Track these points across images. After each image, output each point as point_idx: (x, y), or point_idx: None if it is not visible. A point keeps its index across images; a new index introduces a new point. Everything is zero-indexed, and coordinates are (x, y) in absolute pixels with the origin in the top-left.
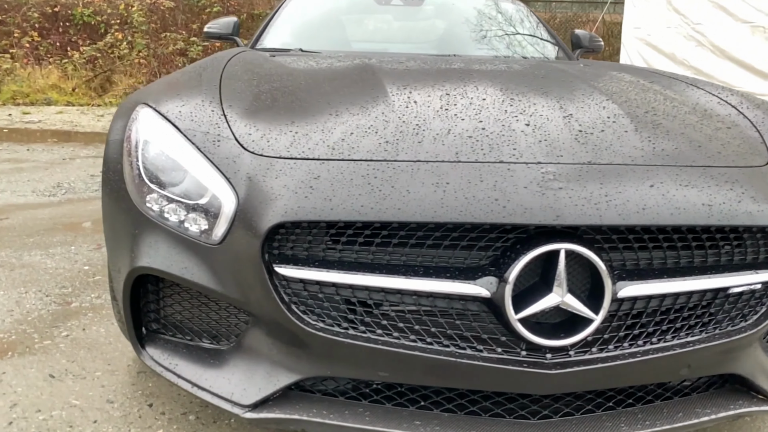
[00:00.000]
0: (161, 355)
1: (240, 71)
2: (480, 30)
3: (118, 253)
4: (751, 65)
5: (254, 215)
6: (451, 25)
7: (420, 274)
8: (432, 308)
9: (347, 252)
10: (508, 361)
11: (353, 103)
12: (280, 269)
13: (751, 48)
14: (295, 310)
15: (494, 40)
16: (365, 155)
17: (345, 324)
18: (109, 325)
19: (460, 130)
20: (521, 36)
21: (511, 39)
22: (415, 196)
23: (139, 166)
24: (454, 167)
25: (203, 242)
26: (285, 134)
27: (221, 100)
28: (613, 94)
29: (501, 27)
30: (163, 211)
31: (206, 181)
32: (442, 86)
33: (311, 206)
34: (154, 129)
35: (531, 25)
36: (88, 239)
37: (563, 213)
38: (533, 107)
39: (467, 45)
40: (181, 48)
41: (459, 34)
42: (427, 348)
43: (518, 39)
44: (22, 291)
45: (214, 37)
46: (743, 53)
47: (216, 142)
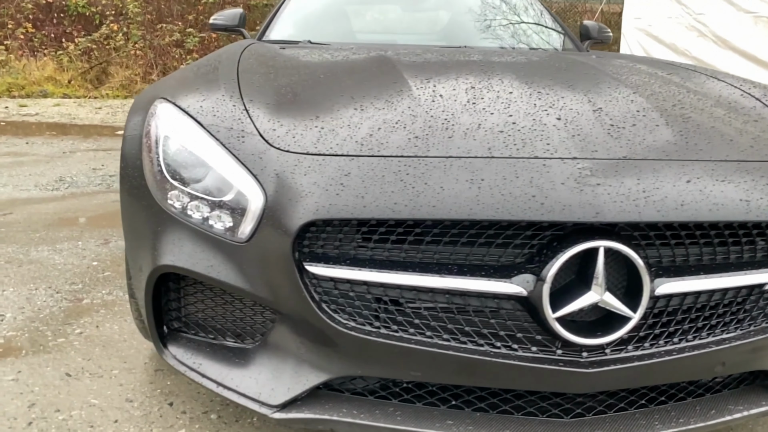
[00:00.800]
0: (184, 354)
1: (255, 64)
2: (488, 21)
3: (139, 251)
4: (754, 56)
5: (284, 213)
6: (458, 15)
7: (454, 272)
8: (465, 307)
9: (379, 250)
10: (543, 360)
11: (377, 98)
12: (311, 267)
13: (754, 38)
14: (325, 308)
15: (503, 30)
16: (395, 151)
17: (377, 323)
18: (122, 322)
19: (490, 125)
20: (530, 27)
21: (520, 30)
22: (450, 192)
23: (160, 162)
24: (487, 163)
25: (229, 240)
26: (311, 130)
27: (241, 95)
28: (637, 87)
29: (509, 17)
30: (186, 208)
31: (231, 178)
32: (465, 79)
33: (343, 204)
34: (174, 124)
35: (539, 16)
36: (95, 234)
37: (602, 210)
38: (561, 101)
39: (476, 36)
40: (178, 39)
41: (467, 25)
42: (461, 347)
43: (527, 30)
44: (32, 288)
45: (220, 28)
46: (746, 43)
47: (240, 138)
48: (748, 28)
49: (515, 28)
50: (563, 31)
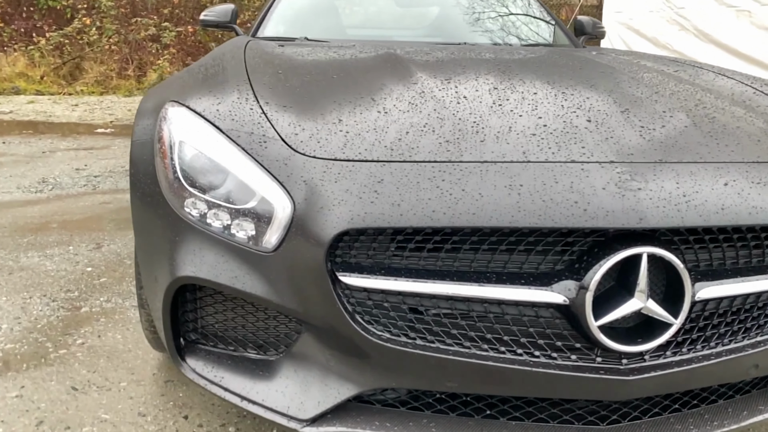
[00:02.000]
0: (204, 368)
1: (262, 64)
2: (484, 16)
3: (155, 261)
4: (736, 49)
5: (314, 221)
6: (454, 11)
7: (492, 280)
8: (503, 315)
9: (414, 258)
10: (583, 368)
11: (399, 99)
12: (344, 278)
13: (735, 32)
14: (359, 320)
15: (499, 26)
16: (427, 156)
17: (412, 334)
18: (125, 331)
19: (521, 128)
20: (527, 22)
21: (517, 25)
22: (489, 199)
23: (176, 168)
24: (524, 168)
25: (254, 250)
26: (335, 134)
27: (257, 98)
28: (655, 86)
29: (504, 13)
30: (205, 217)
31: (254, 185)
32: (485, 80)
33: (379, 212)
34: (190, 129)
35: (535, 11)
36: (86, 238)
37: (646, 215)
38: (587, 101)
39: (473, 32)
40: (153, 34)
41: (464, 21)
42: (500, 357)
43: (523, 25)
44: (26, 296)
45: (211, 25)
46: (728, 37)
47: (262, 144)
48: (729, 22)
49: (511, 23)
50: (559, 26)
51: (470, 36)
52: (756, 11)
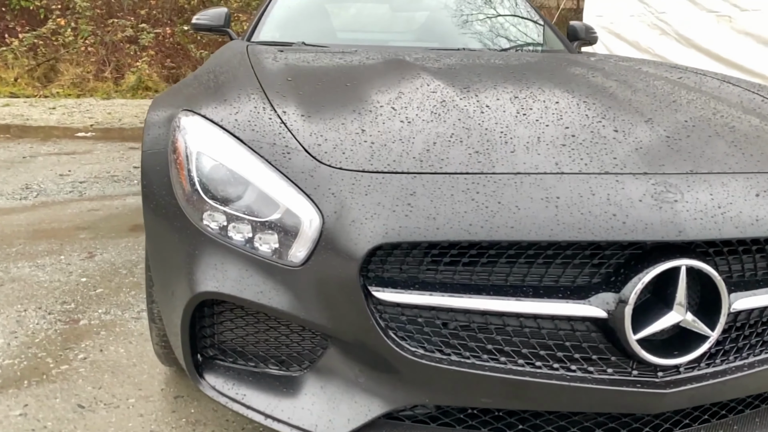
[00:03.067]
0: (224, 385)
1: (269, 71)
2: (480, 22)
3: (171, 275)
4: (717, 54)
5: (346, 235)
6: (450, 16)
7: (529, 294)
8: (539, 330)
9: (448, 273)
10: (620, 381)
11: (420, 108)
12: (378, 293)
13: (716, 37)
14: (392, 336)
15: (497, 32)
16: (459, 168)
17: (447, 349)
18: (127, 345)
19: (550, 138)
20: (521, 27)
21: (514, 30)
22: (527, 212)
23: (194, 180)
24: (559, 179)
25: (282, 264)
26: (360, 145)
27: (273, 106)
28: (670, 95)
29: (501, 18)
30: (226, 229)
31: (278, 197)
32: (504, 88)
33: (414, 226)
34: (208, 139)
35: (530, 16)
36: (77, 247)
37: (685, 228)
38: (611, 111)
39: (472, 37)
40: (131, 35)
41: (462, 26)
42: (536, 372)
43: (519, 30)
44: (20, 309)
45: (204, 29)
46: (709, 42)
47: (286, 155)
48: (710, 27)
49: (506, 28)
50: (554, 31)
51: (467, 41)
52: (736, 16)
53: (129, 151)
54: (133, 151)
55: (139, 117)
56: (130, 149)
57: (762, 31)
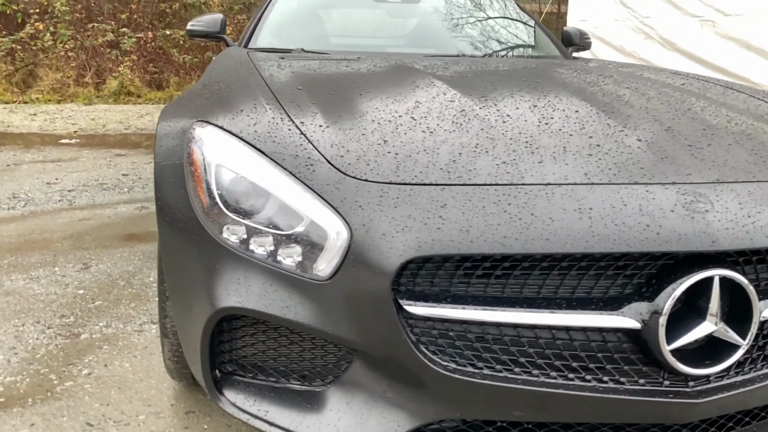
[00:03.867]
0: (245, 401)
1: (278, 79)
2: (476, 27)
3: (189, 290)
4: (701, 58)
5: (376, 249)
6: (448, 23)
7: (562, 306)
8: (571, 341)
9: (480, 286)
10: (652, 392)
11: (440, 118)
12: (410, 307)
13: (700, 41)
14: (424, 350)
15: (494, 38)
16: (488, 179)
17: (479, 363)
18: (132, 359)
19: (575, 148)
20: (518, 33)
21: (510, 36)
22: (561, 224)
23: (213, 193)
24: (590, 190)
25: (308, 278)
26: (384, 156)
27: (290, 116)
28: (682, 102)
29: (498, 24)
30: (247, 243)
31: (302, 210)
32: (521, 96)
33: (447, 238)
34: (227, 151)
35: (527, 22)
36: (71, 258)
37: (718, 238)
38: (630, 120)
39: (470, 44)
40: (111, 40)
41: (460, 33)
42: (568, 384)
43: (516, 36)
44: (18, 323)
45: (200, 35)
46: (693, 46)
47: (309, 167)
48: (694, 32)
49: (504, 34)
50: (548, 36)
51: (464, 47)
52: (719, 21)
53: (116, 158)
54: (120, 158)
55: (124, 123)
56: (117, 156)
57: (745, 36)
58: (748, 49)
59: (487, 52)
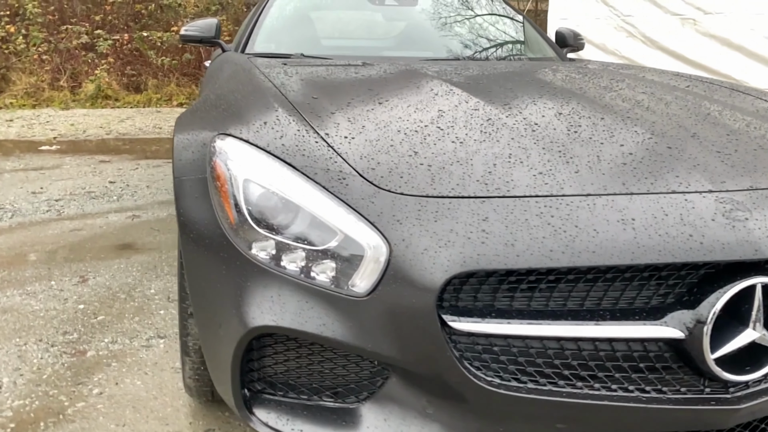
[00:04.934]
0: (277, 420)
1: (292, 88)
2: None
3: (218, 309)
4: (683, 55)
5: (419, 264)
6: (447, 26)
7: (605, 318)
8: (614, 353)
9: (523, 299)
10: (694, 400)
11: (468, 127)
12: (454, 323)
13: (682, 39)
14: (468, 366)
15: (494, 41)
16: (526, 190)
17: (523, 377)
18: (143, 376)
19: (608, 157)
20: (515, 36)
21: (509, 39)
22: (606, 236)
23: (242, 208)
24: (630, 200)
25: (345, 295)
26: (416, 168)
27: (313, 127)
28: (699, 107)
29: (496, 27)
30: (279, 259)
31: (337, 224)
32: (543, 104)
33: (492, 253)
34: (255, 165)
35: (523, 25)
36: (67, 271)
37: (760, 247)
38: (655, 126)
39: (471, 48)
40: (86, 42)
41: (459, 36)
42: (612, 395)
43: (517, 39)
44: (20, 342)
45: (194, 41)
46: (675, 44)
47: (341, 180)
48: (675, 30)
49: (502, 36)
50: (543, 37)
51: (465, 50)
52: (700, 19)
53: (100, 164)
54: (105, 164)
55: (104, 128)
56: (101, 163)
57: (725, 34)
58: (730, 47)
59: (488, 55)
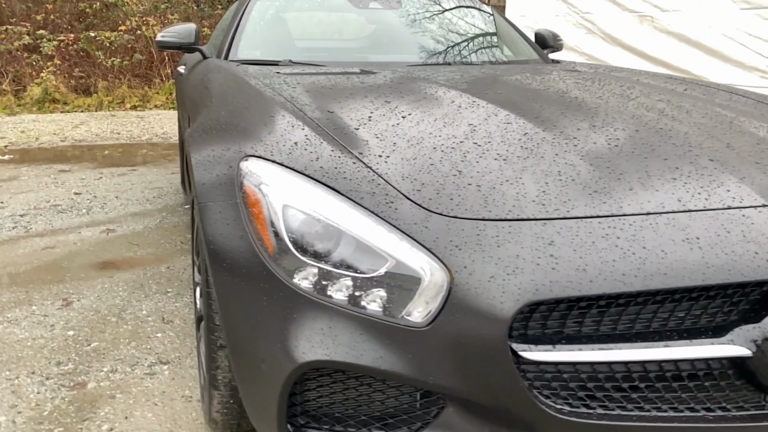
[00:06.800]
0: None
1: (305, 102)
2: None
3: (259, 343)
4: (643, 51)
5: (486, 293)
6: (432, 30)
7: (673, 338)
8: (680, 373)
9: (592, 324)
10: (760, 416)
11: (506, 143)
12: (524, 352)
13: (641, 36)
14: (538, 394)
15: (479, 45)
16: (586, 210)
17: (593, 403)
18: (152, 407)
19: (657, 172)
20: (500, 39)
21: (494, 43)
22: (674, 257)
23: (282, 235)
24: (690, 218)
25: (404, 325)
26: (464, 189)
27: (347, 148)
28: (717, 115)
29: (482, 31)
30: (326, 288)
31: (388, 250)
32: (575, 115)
33: (565, 279)
34: (295, 190)
35: (507, 28)
36: (47, 294)
37: None
38: (689, 137)
39: (459, 52)
40: (29, 43)
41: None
42: (680, 416)
43: (498, 42)
44: (11, 376)
45: (172, 47)
46: (634, 40)
47: (389, 204)
48: (634, 27)
49: (489, 39)
50: (526, 40)
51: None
52: (658, 16)
53: (61, 174)
54: (65, 174)
55: (58, 134)
56: (61, 172)
57: (683, 30)
58: (688, 44)
59: (479, 59)
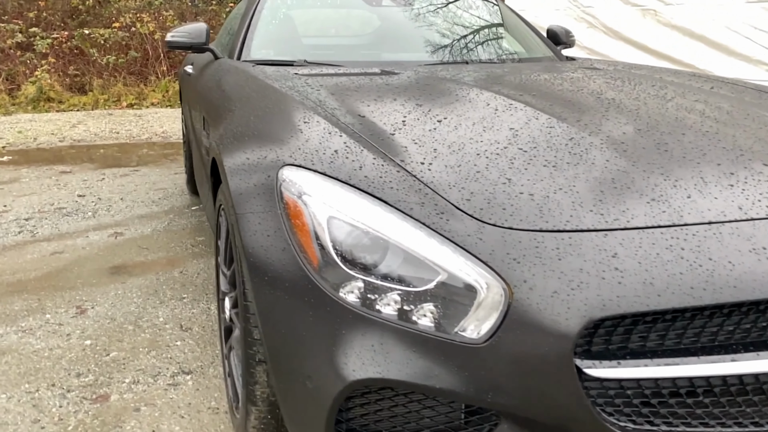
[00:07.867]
0: None
1: (329, 104)
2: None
3: (306, 358)
4: (645, 45)
5: (549, 308)
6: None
7: (738, 351)
8: (743, 387)
9: (656, 339)
10: None
11: (552, 148)
12: (590, 370)
13: (643, 29)
14: (601, 411)
15: (495, 42)
16: (647, 221)
17: (657, 420)
18: (180, 420)
19: (712, 178)
20: (514, 37)
21: (509, 40)
22: (743, 268)
23: (327, 247)
24: (754, 227)
25: (459, 342)
26: (517, 198)
27: (390, 157)
28: (757, 114)
29: (496, 28)
30: (374, 303)
31: (441, 263)
32: (616, 118)
33: (632, 294)
34: (340, 201)
35: (520, 24)
36: (60, 302)
37: None
38: (737, 140)
39: (475, 50)
40: (22, 41)
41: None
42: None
43: (513, 40)
44: (31, 389)
45: (184, 47)
46: (636, 34)
47: (440, 215)
48: (636, 20)
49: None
50: (540, 37)
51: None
52: (661, 10)
53: (62, 176)
54: (67, 175)
55: (56, 134)
56: (63, 174)
57: (687, 24)
58: (692, 37)
59: (497, 56)
